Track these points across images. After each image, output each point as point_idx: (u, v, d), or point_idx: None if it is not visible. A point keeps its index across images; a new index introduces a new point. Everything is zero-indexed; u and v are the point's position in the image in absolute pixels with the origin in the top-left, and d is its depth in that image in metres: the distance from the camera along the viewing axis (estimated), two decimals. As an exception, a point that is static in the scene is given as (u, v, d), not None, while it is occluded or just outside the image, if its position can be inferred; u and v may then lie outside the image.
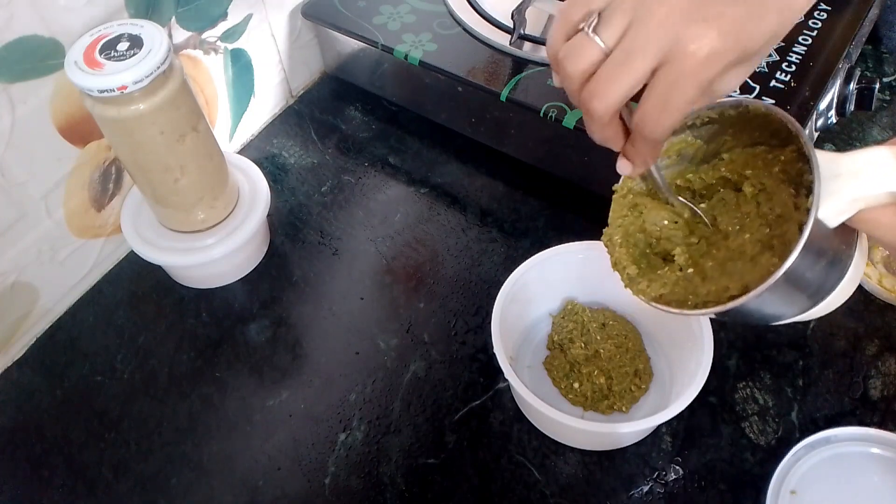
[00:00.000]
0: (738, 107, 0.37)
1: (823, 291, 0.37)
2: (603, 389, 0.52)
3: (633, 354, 0.53)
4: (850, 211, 0.33)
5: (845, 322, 0.57)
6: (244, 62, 0.69)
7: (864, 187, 0.33)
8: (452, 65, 0.64)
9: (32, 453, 0.55)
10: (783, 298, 0.36)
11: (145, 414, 0.56)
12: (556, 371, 0.54)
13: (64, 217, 0.58)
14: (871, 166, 0.33)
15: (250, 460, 0.53)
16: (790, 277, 0.33)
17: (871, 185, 0.32)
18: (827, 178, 0.33)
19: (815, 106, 0.58)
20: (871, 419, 0.52)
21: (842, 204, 0.33)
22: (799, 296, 0.37)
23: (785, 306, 0.37)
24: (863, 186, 0.33)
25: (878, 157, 0.32)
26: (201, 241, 0.59)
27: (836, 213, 0.33)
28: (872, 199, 0.33)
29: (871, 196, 0.33)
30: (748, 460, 0.51)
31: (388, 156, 0.71)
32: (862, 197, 0.33)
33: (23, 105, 0.51)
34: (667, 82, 0.33)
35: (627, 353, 0.53)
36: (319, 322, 0.60)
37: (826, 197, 0.33)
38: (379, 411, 0.55)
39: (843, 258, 0.37)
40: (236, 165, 0.63)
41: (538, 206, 0.66)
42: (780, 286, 0.33)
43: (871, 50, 0.75)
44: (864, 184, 0.33)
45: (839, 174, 0.33)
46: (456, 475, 0.52)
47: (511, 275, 0.53)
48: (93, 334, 0.61)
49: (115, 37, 0.49)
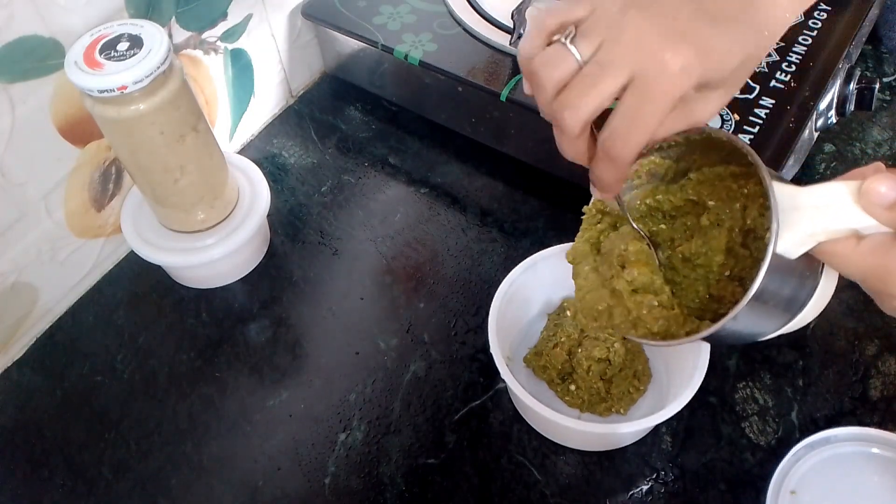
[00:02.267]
0: (702, 133, 0.38)
1: (793, 311, 0.38)
2: (601, 392, 0.52)
3: (632, 356, 0.53)
4: (810, 244, 0.34)
5: (845, 322, 0.57)
6: (244, 62, 0.69)
7: (822, 222, 0.33)
8: (452, 65, 0.64)
9: (32, 453, 0.55)
10: (752, 322, 0.36)
11: (145, 414, 0.56)
12: (550, 373, 0.53)
13: (64, 217, 0.58)
14: (830, 201, 0.33)
15: (250, 460, 0.53)
16: (756, 302, 0.33)
17: (832, 220, 0.33)
18: (787, 211, 0.33)
19: (815, 106, 0.58)
20: (871, 419, 0.52)
21: (801, 237, 0.33)
22: (768, 319, 0.37)
23: (756, 328, 0.38)
24: (821, 221, 0.33)
25: (836, 192, 0.33)
26: (201, 242, 0.59)
27: (796, 245, 0.34)
28: (831, 233, 0.33)
29: (831, 230, 0.33)
30: (748, 460, 0.51)
31: (388, 156, 0.71)
32: (821, 231, 0.33)
33: (23, 105, 0.51)
34: (637, 96, 0.33)
35: (628, 354, 0.53)
36: (319, 322, 0.60)
37: (785, 229, 0.33)
38: (379, 411, 0.55)
39: (808, 283, 0.37)
40: (236, 165, 0.63)
41: (538, 206, 0.66)
42: (745, 315, 0.33)
43: (871, 50, 0.75)
44: (823, 218, 0.33)
45: (798, 207, 0.33)
46: (456, 475, 0.52)
47: (509, 275, 0.53)
48: (93, 334, 0.61)
49: (114, 37, 0.49)
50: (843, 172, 0.35)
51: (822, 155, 0.66)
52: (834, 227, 0.33)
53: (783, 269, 0.34)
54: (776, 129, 0.56)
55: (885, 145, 0.67)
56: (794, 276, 0.36)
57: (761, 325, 0.38)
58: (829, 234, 0.33)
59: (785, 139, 0.56)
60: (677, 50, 0.33)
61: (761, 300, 0.33)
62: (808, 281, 0.37)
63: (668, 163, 0.40)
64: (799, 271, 0.36)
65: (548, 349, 0.53)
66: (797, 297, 0.37)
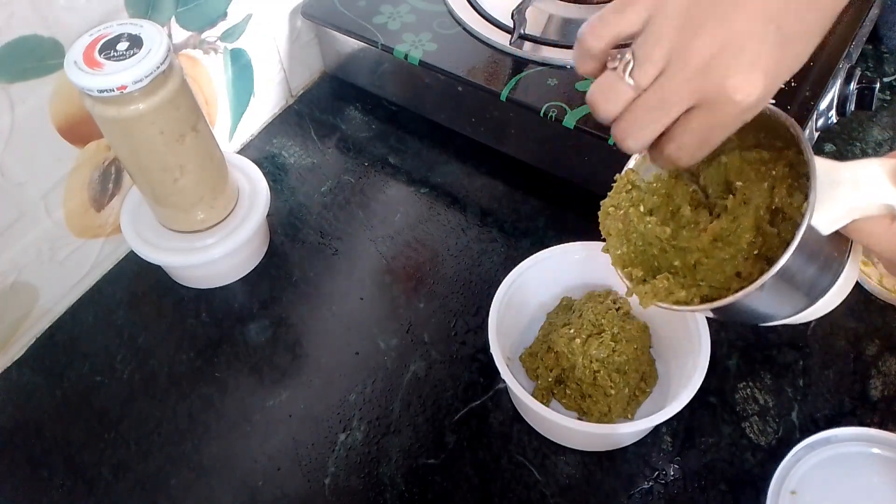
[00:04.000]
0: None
1: (814, 295, 0.38)
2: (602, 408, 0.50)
3: (637, 358, 0.51)
4: (845, 220, 0.33)
5: (845, 322, 0.57)
6: (244, 62, 0.69)
7: (861, 198, 0.33)
8: (452, 65, 0.64)
9: (32, 453, 0.55)
10: (773, 299, 0.36)
11: (145, 414, 0.56)
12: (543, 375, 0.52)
13: (63, 217, 0.58)
14: (870, 178, 0.33)
15: (250, 460, 0.53)
16: (782, 277, 0.33)
17: (869, 196, 0.33)
18: (824, 186, 0.33)
19: (816, 106, 0.58)
20: (871, 419, 0.52)
21: (838, 212, 0.33)
22: (789, 298, 0.37)
23: (775, 307, 0.38)
24: (860, 197, 0.33)
25: (877, 169, 0.33)
26: (201, 241, 0.59)
27: (831, 221, 0.33)
28: (868, 210, 0.33)
29: (866, 206, 0.33)
30: (748, 460, 0.51)
31: (388, 156, 0.71)
32: (858, 207, 0.33)
33: (22, 105, 0.51)
34: (708, 125, 0.33)
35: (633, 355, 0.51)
36: (319, 322, 0.60)
37: (822, 204, 0.33)
38: (379, 411, 0.55)
39: (834, 266, 0.37)
40: (236, 165, 0.63)
41: (538, 206, 0.66)
42: (769, 288, 0.33)
43: (871, 50, 0.74)
44: (862, 194, 0.33)
45: (837, 182, 0.33)
46: (456, 475, 0.52)
47: (509, 275, 0.53)
48: (92, 334, 0.61)
49: (114, 36, 0.48)
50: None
51: (823, 155, 0.66)
52: (869, 204, 0.33)
53: (812, 247, 0.34)
54: (776, 129, 0.56)
55: (885, 145, 0.67)
56: (820, 257, 0.35)
57: (783, 303, 0.37)
58: (864, 212, 0.33)
59: (785, 139, 0.56)
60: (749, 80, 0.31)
61: (788, 275, 0.33)
62: (832, 267, 0.37)
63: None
64: (826, 253, 0.35)
65: (542, 351, 0.52)
66: (819, 282, 0.37)
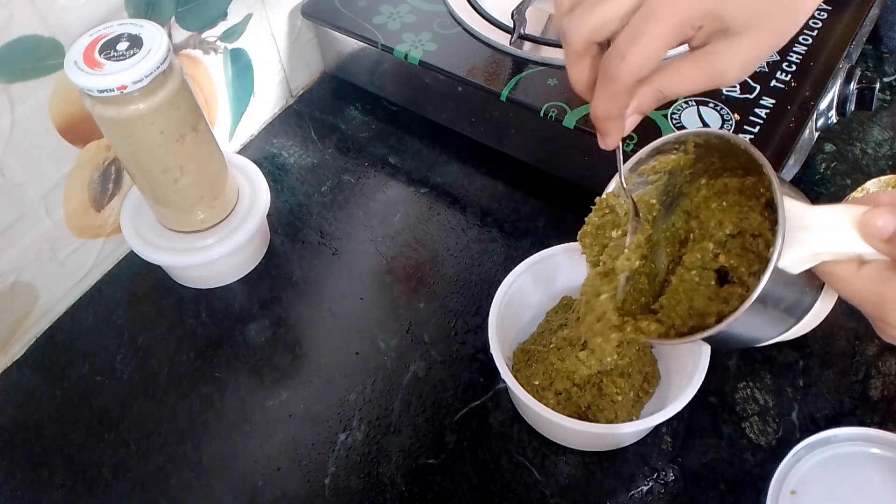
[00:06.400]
0: (721, 138, 0.38)
1: (795, 318, 0.39)
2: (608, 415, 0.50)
3: (640, 358, 0.51)
4: (812, 262, 0.34)
5: (845, 322, 0.57)
6: (244, 62, 0.69)
7: (826, 243, 0.33)
8: (452, 65, 0.64)
9: (32, 453, 0.55)
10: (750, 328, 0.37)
11: (145, 414, 0.56)
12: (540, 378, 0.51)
13: (64, 217, 0.58)
14: (835, 224, 0.33)
15: (250, 460, 0.53)
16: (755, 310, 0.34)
17: (833, 243, 0.33)
18: (794, 228, 0.33)
19: (816, 106, 0.58)
20: (871, 419, 0.52)
21: (805, 255, 0.34)
22: (768, 325, 0.38)
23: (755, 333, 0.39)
24: (826, 242, 0.33)
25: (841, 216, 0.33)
26: (201, 242, 0.59)
27: (798, 263, 0.34)
28: (834, 255, 0.33)
29: (833, 252, 0.33)
30: (748, 460, 0.51)
31: (388, 156, 0.71)
32: (825, 251, 0.33)
33: (22, 105, 0.51)
34: (641, 15, 0.34)
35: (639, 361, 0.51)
36: (319, 322, 0.60)
37: (790, 246, 0.33)
38: (379, 411, 0.55)
39: (807, 297, 0.38)
40: (236, 165, 0.63)
41: (538, 206, 0.66)
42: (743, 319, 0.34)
43: (871, 50, 0.74)
44: (828, 239, 0.33)
45: (807, 227, 0.33)
46: (456, 475, 0.52)
47: (509, 275, 0.53)
48: (92, 334, 0.61)
49: (114, 36, 0.48)
50: (844, 172, 0.35)
51: (823, 155, 0.66)
52: (837, 250, 0.33)
53: (785, 281, 0.35)
54: (776, 129, 0.56)
55: (885, 145, 0.67)
56: (795, 288, 0.36)
57: (761, 330, 0.38)
58: (833, 256, 0.33)
59: (785, 139, 0.56)
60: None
61: (761, 306, 0.34)
62: (809, 294, 0.38)
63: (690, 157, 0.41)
64: (801, 285, 0.36)
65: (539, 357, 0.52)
66: (798, 307, 0.38)
